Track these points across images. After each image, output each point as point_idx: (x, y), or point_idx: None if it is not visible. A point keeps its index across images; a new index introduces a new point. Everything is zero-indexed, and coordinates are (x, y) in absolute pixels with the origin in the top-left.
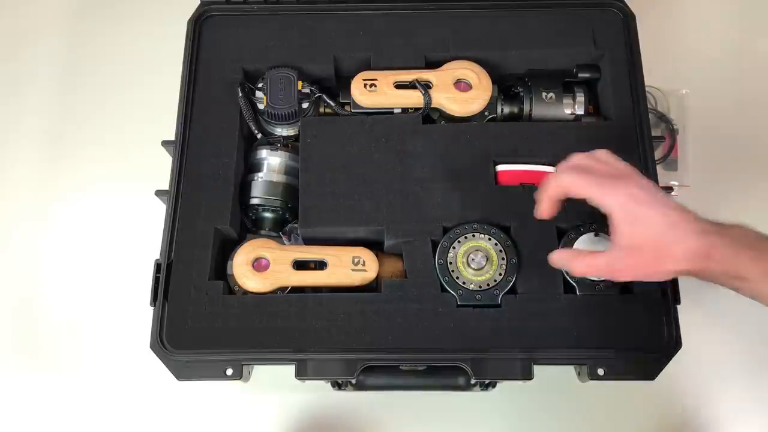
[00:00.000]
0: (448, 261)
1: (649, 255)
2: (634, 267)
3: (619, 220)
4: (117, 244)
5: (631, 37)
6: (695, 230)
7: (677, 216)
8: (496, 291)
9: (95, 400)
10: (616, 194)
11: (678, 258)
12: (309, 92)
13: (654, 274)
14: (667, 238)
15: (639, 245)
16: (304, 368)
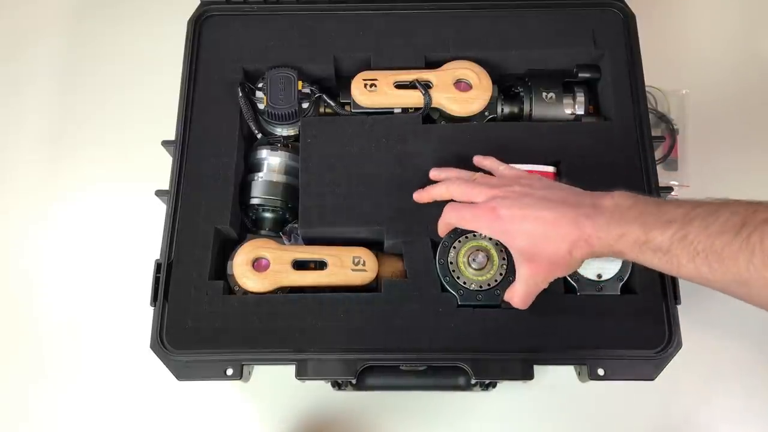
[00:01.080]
0: (449, 261)
1: (546, 258)
2: (545, 274)
3: (505, 242)
4: (117, 244)
5: (632, 37)
6: (567, 224)
7: (548, 215)
8: (497, 291)
9: (95, 400)
10: (488, 221)
11: (569, 250)
12: (309, 92)
13: (564, 270)
14: (549, 239)
15: (533, 256)
16: (304, 368)
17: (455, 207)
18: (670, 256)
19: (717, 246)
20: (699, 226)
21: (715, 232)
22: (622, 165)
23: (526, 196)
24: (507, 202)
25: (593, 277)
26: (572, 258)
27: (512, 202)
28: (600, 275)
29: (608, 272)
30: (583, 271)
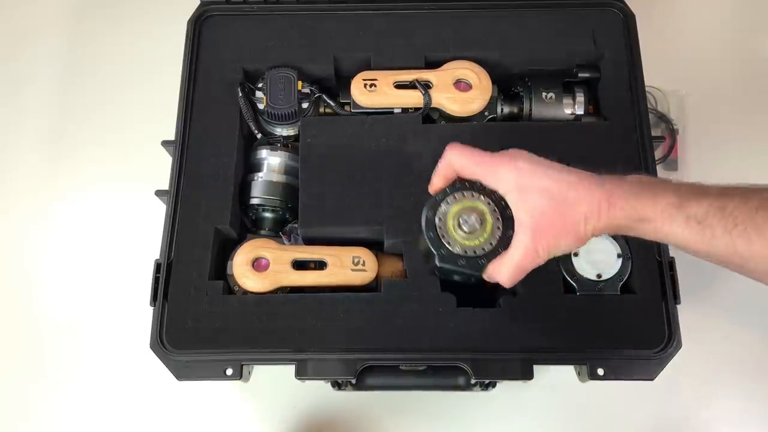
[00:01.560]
0: (438, 217)
1: (556, 225)
2: (547, 245)
3: (515, 200)
4: (117, 244)
5: (631, 37)
6: (592, 184)
7: (570, 177)
8: (482, 260)
9: (95, 400)
10: (504, 171)
11: (586, 216)
12: (309, 92)
13: (570, 243)
14: (568, 201)
15: (542, 219)
16: (303, 368)
17: (463, 147)
18: (704, 227)
19: (759, 219)
20: (739, 200)
21: (755, 207)
22: (622, 165)
23: (551, 162)
24: (526, 156)
25: (593, 277)
26: (585, 228)
27: (531, 157)
28: (600, 275)
29: (608, 272)
30: (583, 271)
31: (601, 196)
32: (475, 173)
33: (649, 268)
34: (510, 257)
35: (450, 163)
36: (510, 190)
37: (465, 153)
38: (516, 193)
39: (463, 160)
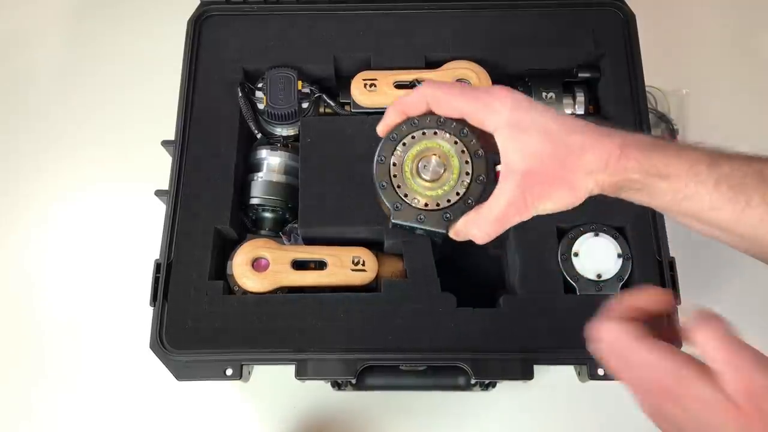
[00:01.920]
0: (392, 162)
1: (552, 173)
2: (538, 195)
3: (505, 138)
4: (117, 244)
5: (632, 37)
6: (602, 132)
7: (575, 121)
8: (448, 215)
9: (95, 400)
10: (498, 103)
11: (590, 165)
12: (309, 92)
13: (564, 197)
14: (570, 145)
15: (537, 164)
16: (303, 368)
17: (441, 81)
18: (737, 192)
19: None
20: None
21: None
22: None
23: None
24: (522, 94)
25: (593, 277)
26: (586, 181)
27: (528, 96)
28: (600, 275)
29: (608, 272)
30: (583, 271)
31: (611, 144)
32: (458, 108)
33: (650, 268)
34: (489, 208)
35: (423, 95)
36: (501, 126)
37: (445, 85)
38: (508, 129)
39: (442, 91)
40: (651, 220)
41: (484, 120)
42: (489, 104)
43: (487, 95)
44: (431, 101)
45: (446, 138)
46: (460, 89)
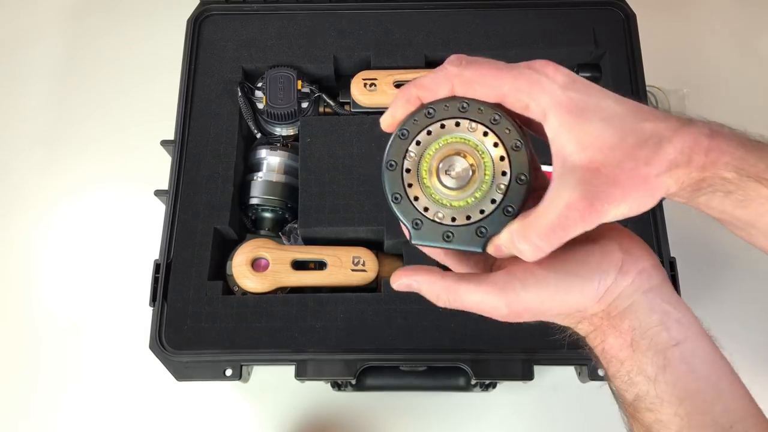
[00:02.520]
0: (405, 167)
1: (623, 166)
2: (608, 195)
3: (560, 124)
4: (116, 245)
5: (632, 37)
6: (675, 117)
7: (639, 105)
8: (483, 229)
9: (95, 401)
10: (546, 81)
11: (670, 159)
12: (309, 92)
13: (640, 199)
14: (645, 133)
15: (604, 157)
16: (303, 369)
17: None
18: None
19: None
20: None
21: None
22: None
23: None
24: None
25: None
26: (665, 180)
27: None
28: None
29: None
30: None
31: (697, 133)
32: (495, 87)
33: None
34: (541, 216)
35: (446, 75)
36: (552, 109)
37: (475, 60)
38: (563, 113)
39: (473, 69)
40: (651, 220)
41: (530, 102)
42: (536, 81)
43: (531, 70)
44: (458, 82)
45: (472, 129)
46: (494, 64)
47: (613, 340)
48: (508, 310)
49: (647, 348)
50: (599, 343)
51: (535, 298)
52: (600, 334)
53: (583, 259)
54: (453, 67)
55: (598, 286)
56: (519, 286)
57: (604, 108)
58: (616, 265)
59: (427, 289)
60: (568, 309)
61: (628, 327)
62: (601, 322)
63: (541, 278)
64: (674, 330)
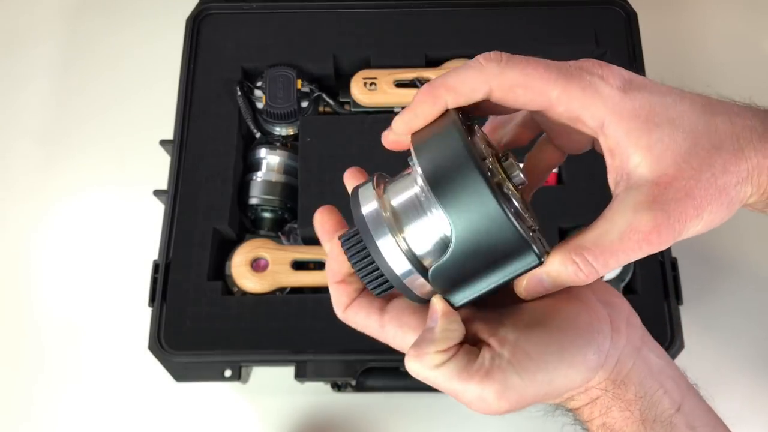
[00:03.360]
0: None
1: (698, 177)
2: (683, 212)
3: (625, 132)
4: (115, 245)
5: (633, 36)
6: (751, 110)
7: (705, 97)
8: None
9: (94, 401)
10: (603, 82)
11: (750, 165)
12: (308, 91)
13: (717, 212)
14: (721, 135)
15: (675, 168)
16: (303, 369)
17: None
18: None
19: None
20: None
21: None
22: None
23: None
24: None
25: None
26: (743, 188)
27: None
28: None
29: (610, 273)
30: None
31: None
32: (543, 93)
33: (652, 269)
34: (603, 235)
35: (485, 77)
36: (612, 116)
37: (519, 60)
38: (627, 121)
39: (519, 70)
40: None
41: (582, 110)
42: (590, 86)
43: (583, 71)
44: (497, 84)
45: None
46: (542, 64)
47: (618, 414)
48: (499, 402)
49: (654, 420)
50: (598, 417)
51: (532, 384)
52: (600, 406)
53: (572, 323)
54: (492, 65)
55: (598, 353)
56: (511, 371)
57: (674, 111)
58: (606, 322)
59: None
60: (569, 387)
61: (633, 396)
62: (603, 392)
63: (536, 357)
64: (674, 392)
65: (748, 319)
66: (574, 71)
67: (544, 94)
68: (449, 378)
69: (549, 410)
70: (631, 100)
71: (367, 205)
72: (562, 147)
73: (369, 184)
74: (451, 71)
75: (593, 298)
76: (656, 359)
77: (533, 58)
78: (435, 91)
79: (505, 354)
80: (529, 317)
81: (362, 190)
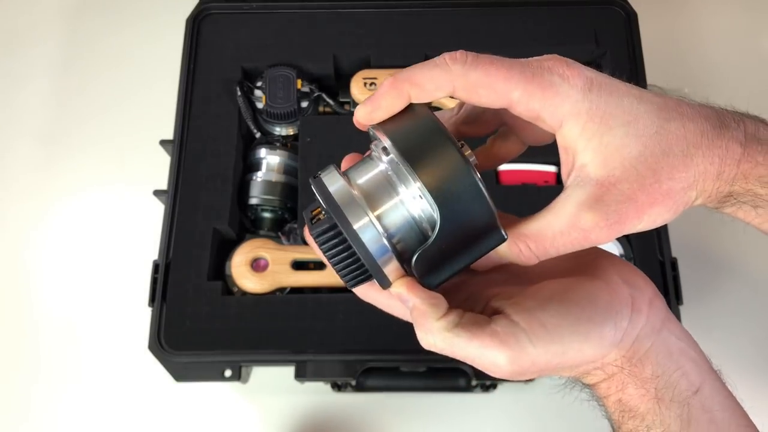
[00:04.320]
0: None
1: (644, 180)
2: (625, 212)
3: (580, 132)
4: (115, 245)
5: (633, 36)
6: (705, 115)
7: (665, 99)
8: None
9: (94, 402)
10: (566, 83)
11: (698, 171)
12: (308, 91)
13: (659, 214)
14: (672, 141)
15: (622, 171)
16: (303, 369)
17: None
18: None
19: None
20: None
21: None
22: None
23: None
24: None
25: None
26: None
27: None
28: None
29: None
30: None
31: (729, 139)
32: (503, 93)
33: (652, 268)
34: (547, 226)
35: (450, 76)
36: (571, 117)
37: (481, 59)
38: (583, 122)
39: (481, 70)
40: None
41: (542, 110)
42: (551, 86)
43: (544, 70)
44: (460, 84)
45: None
46: (504, 65)
47: (634, 390)
48: (511, 367)
49: (671, 400)
50: (614, 393)
51: (545, 353)
52: (616, 383)
53: (591, 301)
54: (457, 66)
55: (615, 330)
56: (525, 339)
57: (630, 114)
58: (627, 302)
59: (419, 322)
60: (583, 360)
61: (650, 374)
62: (619, 369)
63: (552, 329)
64: (693, 374)
65: (748, 319)
66: (536, 71)
67: (505, 95)
68: (466, 342)
69: (568, 385)
70: (590, 101)
71: (334, 186)
72: (525, 139)
73: (331, 167)
74: (417, 67)
75: (617, 278)
76: (677, 341)
77: (498, 59)
78: (400, 86)
79: (521, 322)
80: (550, 292)
81: (325, 175)
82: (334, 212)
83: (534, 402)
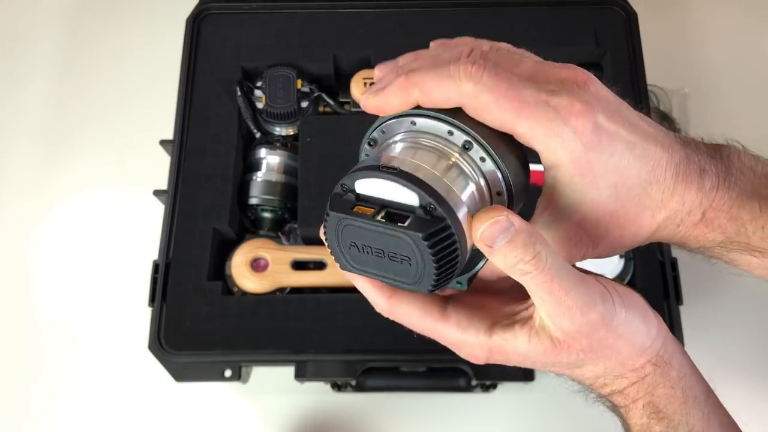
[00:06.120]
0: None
1: (609, 228)
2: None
3: (569, 180)
4: (115, 245)
5: (634, 36)
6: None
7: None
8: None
9: (94, 402)
10: (571, 133)
11: (658, 222)
12: (308, 91)
13: (610, 250)
14: (646, 199)
15: (594, 218)
16: (303, 369)
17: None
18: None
19: None
20: None
21: None
22: None
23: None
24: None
25: None
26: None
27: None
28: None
29: (610, 273)
30: None
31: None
32: (510, 123)
33: (651, 269)
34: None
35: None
36: (565, 165)
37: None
38: (573, 172)
39: (492, 95)
40: None
41: (542, 150)
42: (557, 134)
43: (555, 112)
44: (467, 102)
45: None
46: (516, 92)
47: (663, 391)
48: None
49: (694, 400)
50: (643, 396)
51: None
52: (646, 385)
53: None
54: (470, 85)
55: (650, 326)
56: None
57: (619, 172)
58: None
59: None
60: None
61: (676, 375)
62: (653, 369)
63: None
64: (704, 377)
65: (748, 319)
66: (549, 113)
67: (509, 126)
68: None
69: (586, 394)
70: (589, 156)
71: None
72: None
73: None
74: (431, 70)
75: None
76: (684, 351)
77: (514, 85)
78: (409, 89)
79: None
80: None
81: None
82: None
83: (534, 402)
